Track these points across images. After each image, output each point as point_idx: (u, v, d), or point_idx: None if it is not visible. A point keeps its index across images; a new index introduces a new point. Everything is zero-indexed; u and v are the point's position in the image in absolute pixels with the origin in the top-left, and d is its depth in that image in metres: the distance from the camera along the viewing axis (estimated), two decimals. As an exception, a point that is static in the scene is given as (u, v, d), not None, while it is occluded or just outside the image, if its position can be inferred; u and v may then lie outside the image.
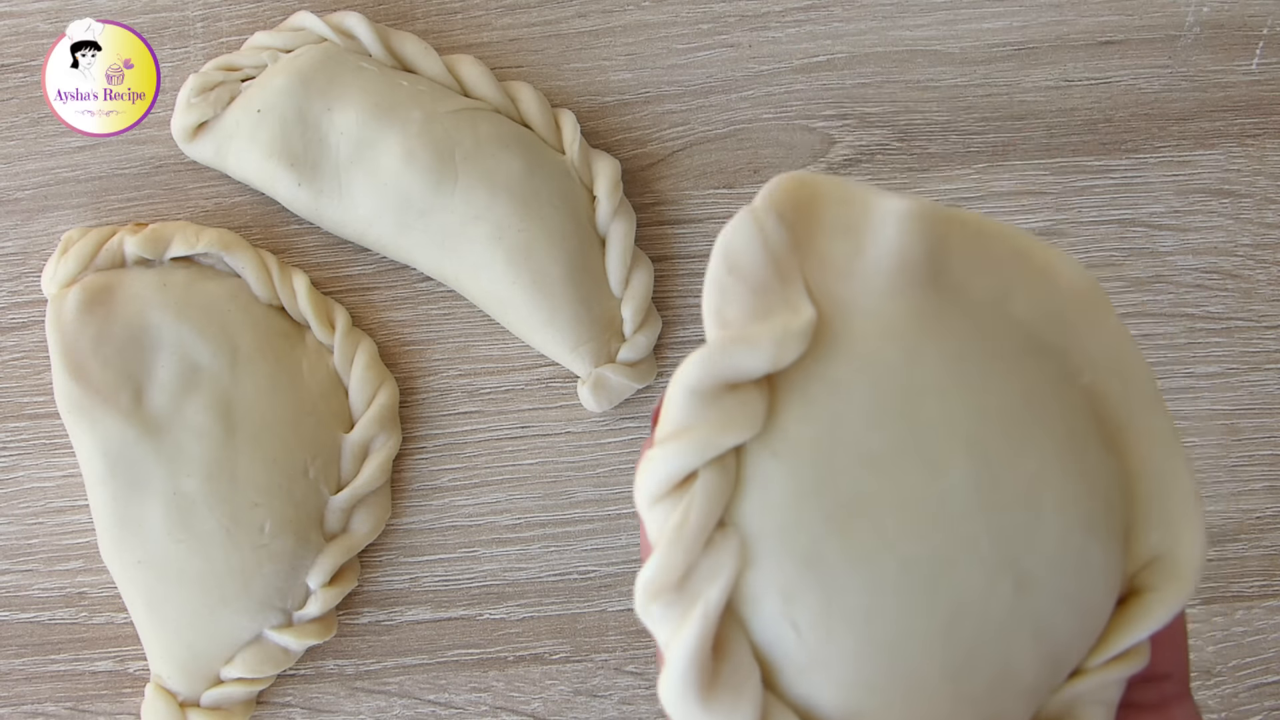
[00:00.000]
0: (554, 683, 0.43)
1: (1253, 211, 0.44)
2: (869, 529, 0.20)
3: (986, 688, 0.20)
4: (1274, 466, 0.43)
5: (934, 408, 0.20)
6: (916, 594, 0.20)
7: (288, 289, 0.43)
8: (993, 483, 0.20)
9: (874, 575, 0.20)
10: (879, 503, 0.20)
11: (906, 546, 0.20)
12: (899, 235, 0.21)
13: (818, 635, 0.20)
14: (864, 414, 0.20)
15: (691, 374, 0.20)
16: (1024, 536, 0.20)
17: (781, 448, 0.20)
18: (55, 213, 0.44)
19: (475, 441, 0.44)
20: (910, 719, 0.20)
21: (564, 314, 0.42)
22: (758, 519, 0.20)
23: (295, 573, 0.41)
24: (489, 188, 0.42)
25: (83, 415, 0.40)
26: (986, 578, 0.20)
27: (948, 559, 0.20)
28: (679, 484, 0.20)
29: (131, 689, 0.43)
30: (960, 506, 0.20)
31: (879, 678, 0.20)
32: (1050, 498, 0.20)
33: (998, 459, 0.20)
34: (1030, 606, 0.20)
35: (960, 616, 0.20)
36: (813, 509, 0.20)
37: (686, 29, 0.45)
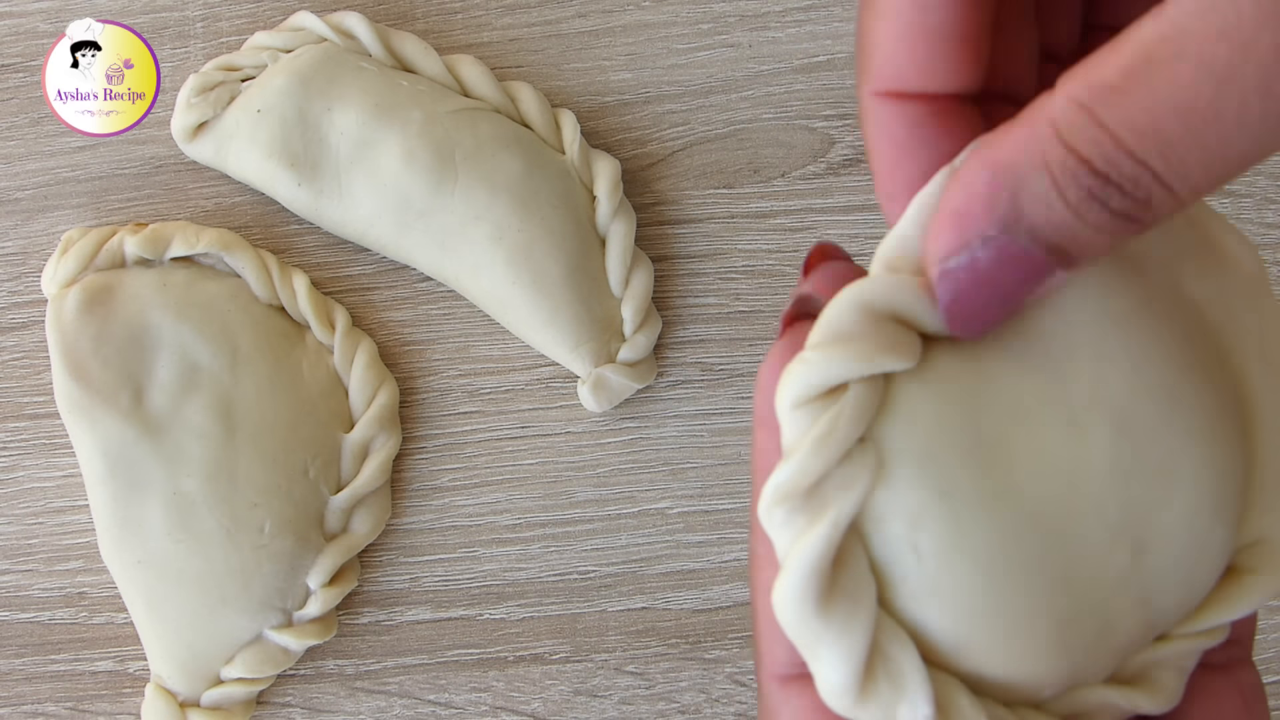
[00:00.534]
0: (554, 683, 0.43)
1: (1253, 211, 0.44)
2: (1005, 472, 0.20)
3: (1085, 642, 0.20)
4: (1274, 466, 0.43)
5: (1089, 368, 0.20)
6: (1039, 542, 0.20)
7: (288, 289, 0.43)
8: (1133, 453, 0.20)
9: (1002, 516, 0.20)
10: (1019, 450, 0.20)
11: (1038, 495, 0.20)
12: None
13: (939, 563, 0.20)
14: (1018, 362, 0.20)
15: (870, 290, 0.20)
16: (1152, 509, 0.20)
17: (932, 378, 0.20)
18: (55, 213, 0.44)
19: (475, 441, 0.44)
20: (1010, 657, 0.20)
21: (564, 314, 0.42)
22: (898, 441, 0.20)
23: (295, 573, 0.41)
24: (489, 188, 0.42)
25: (83, 415, 0.40)
26: (1108, 540, 0.20)
27: (1075, 514, 0.20)
28: (827, 393, 0.20)
29: (131, 689, 0.43)
30: (1096, 469, 0.20)
31: (990, 614, 0.20)
32: (1186, 476, 0.21)
33: (1142, 430, 0.20)
34: (1143, 575, 0.20)
35: (1075, 571, 0.20)
36: (953, 442, 0.20)
37: (686, 29, 0.45)
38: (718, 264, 0.44)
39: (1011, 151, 0.17)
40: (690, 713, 0.43)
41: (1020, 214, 0.17)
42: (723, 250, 0.44)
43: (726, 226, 0.44)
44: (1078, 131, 0.16)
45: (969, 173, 0.18)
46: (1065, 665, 0.20)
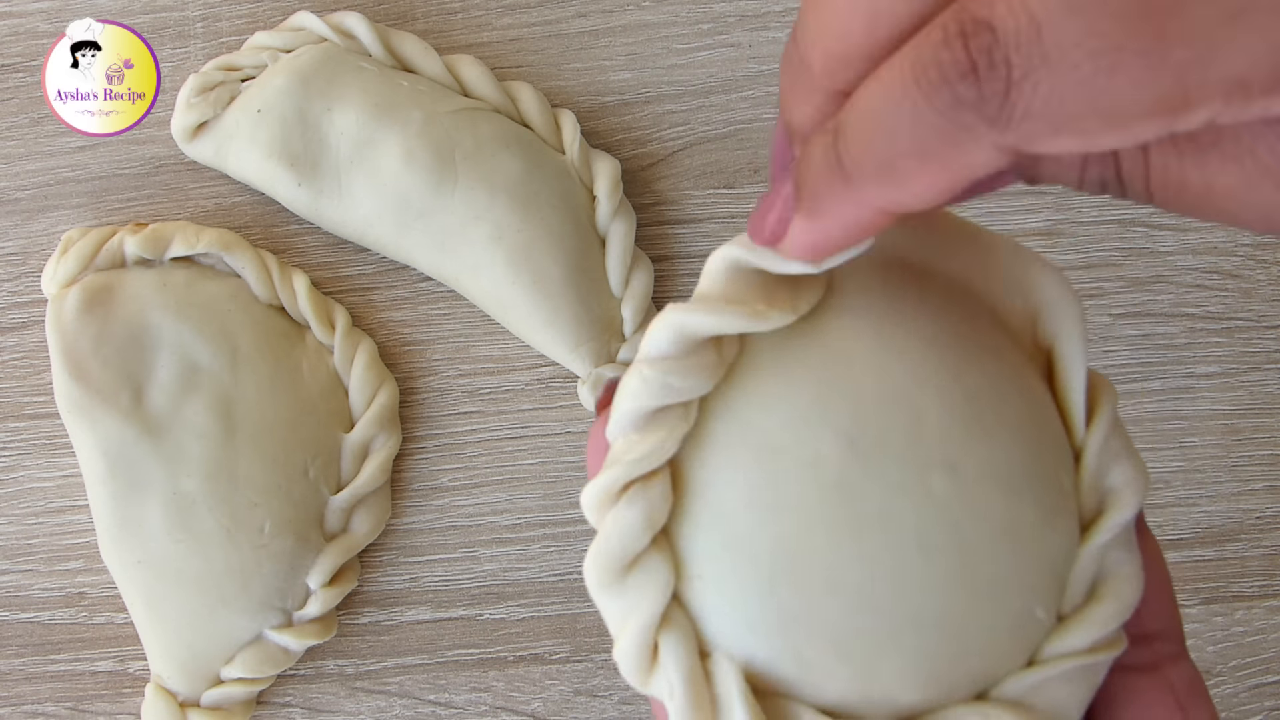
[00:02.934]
0: (554, 683, 0.43)
1: (1253, 211, 0.44)
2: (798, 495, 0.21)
3: (879, 653, 0.20)
4: (1274, 466, 0.43)
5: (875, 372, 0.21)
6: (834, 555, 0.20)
7: (288, 289, 0.43)
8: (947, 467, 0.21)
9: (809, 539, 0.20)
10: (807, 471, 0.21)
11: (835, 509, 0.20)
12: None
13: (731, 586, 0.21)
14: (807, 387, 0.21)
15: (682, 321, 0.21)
16: (969, 518, 0.21)
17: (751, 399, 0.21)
18: (55, 213, 0.44)
19: (475, 441, 0.44)
20: (807, 670, 0.20)
21: (564, 314, 0.42)
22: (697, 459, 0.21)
23: (295, 573, 0.41)
24: (489, 188, 0.42)
25: (83, 415, 0.40)
26: (916, 554, 0.20)
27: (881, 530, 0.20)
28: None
29: (131, 689, 0.43)
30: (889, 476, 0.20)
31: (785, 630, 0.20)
32: (1000, 473, 0.21)
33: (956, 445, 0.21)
34: (953, 589, 0.20)
35: (871, 584, 0.20)
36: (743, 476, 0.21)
37: (686, 29, 0.45)
38: (718, 264, 0.44)
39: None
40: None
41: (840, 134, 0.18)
42: (723, 250, 0.44)
43: (726, 226, 0.44)
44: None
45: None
46: (861, 677, 0.20)
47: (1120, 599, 0.21)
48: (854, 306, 0.22)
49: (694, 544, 0.21)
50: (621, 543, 0.21)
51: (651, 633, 0.21)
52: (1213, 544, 0.43)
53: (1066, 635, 0.21)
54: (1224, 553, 0.43)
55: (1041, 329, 0.23)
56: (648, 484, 0.21)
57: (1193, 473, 0.43)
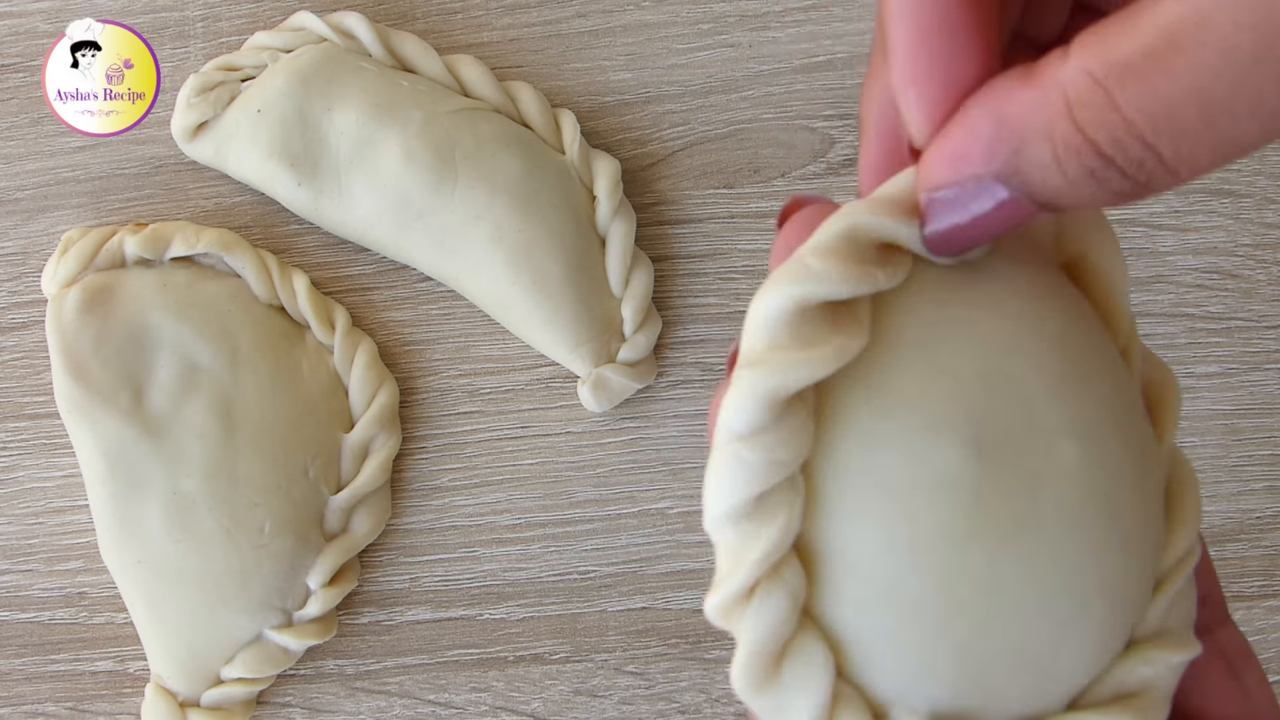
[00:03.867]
0: (554, 683, 0.43)
1: (1253, 211, 0.44)
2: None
3: (988, 665, 0.20)
4: (1274, 466, 0.43)
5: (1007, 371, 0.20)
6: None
7: (288, 289, 0.43)
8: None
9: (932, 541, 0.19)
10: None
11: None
12: None
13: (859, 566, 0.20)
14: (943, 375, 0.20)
15: (883, 222, 0.20)
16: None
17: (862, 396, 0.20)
18: (55, 213, 0.44)
19: (475, 441, 0.44)
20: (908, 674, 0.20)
21: (564, 314, 0.42)
22: (826, 469, 0.20)
23: (295, 573, 0.41)
24: (489, 188, 0.42)
25: (83, 415, 0.40)
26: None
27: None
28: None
29: (131, 689, 0.43)
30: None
31: (893, 623, 0.19)
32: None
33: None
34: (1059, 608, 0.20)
35: (981, 598, 0.19)
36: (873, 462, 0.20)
37: (686, 29, 0.45)
38: (718, 264, 0.44)
39: (1020, 111, 0.17)
40: (690, 713, 0.43)
41: (1017, 170, 0.18)
42: (723, 250, 0.44)
43: (726, 226, 0.44)
44: (1089, 109, 0.16)
45: (975, 117, 0.18)
46: (968, 687, 0.20)
47: (1193, 487, 0.22)
48: (906, 302, 0.20)
49: (843, 611, 0.19)
50: (765, 644, 0.19)
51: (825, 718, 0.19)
52: (1212, 544, 0.43)
53: (1172, 545, 0.21)
54: (1224, 553, 0.43)
55: (1067, 238, 0.22)
56: (779, 572, 0.19)
57: (1193, 473, 0.43)
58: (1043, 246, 0.22)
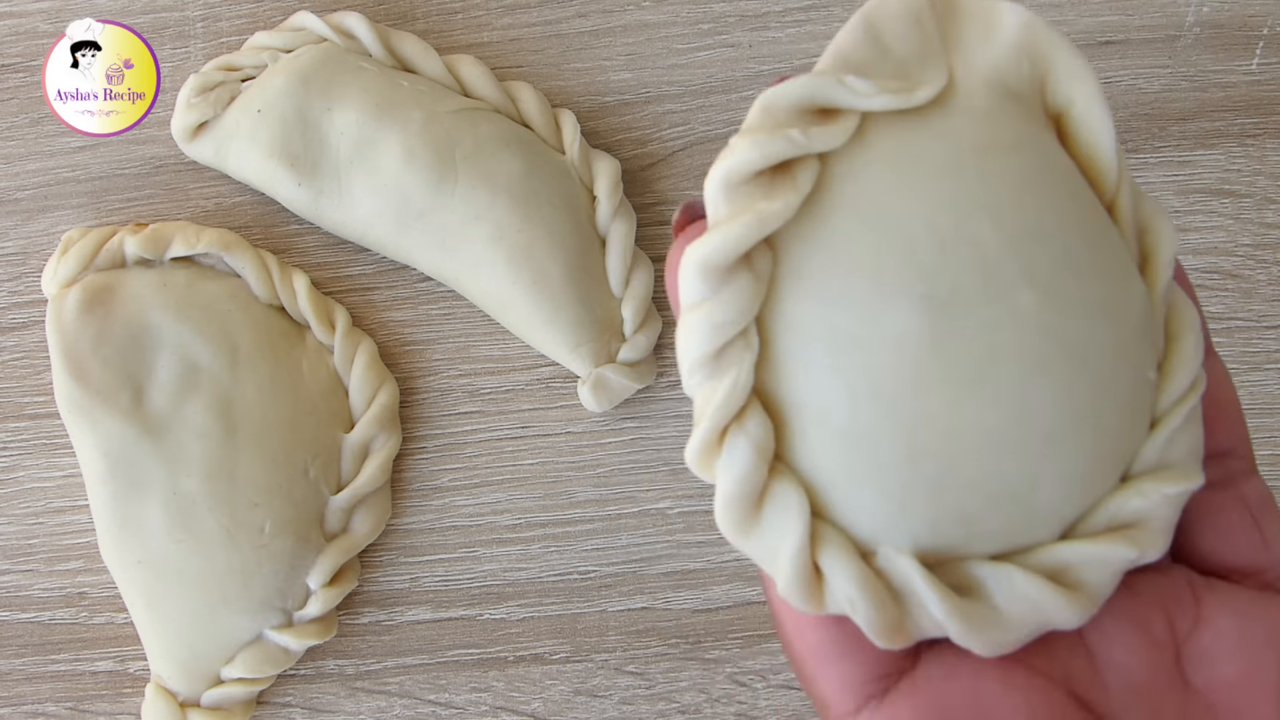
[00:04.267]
0: (554, 683, 0.43)
1: (1253, 211, 0.44)
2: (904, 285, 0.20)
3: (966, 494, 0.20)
4: (1274, 466, 0.43)
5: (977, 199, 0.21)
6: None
7: (288, 289, 0.43)
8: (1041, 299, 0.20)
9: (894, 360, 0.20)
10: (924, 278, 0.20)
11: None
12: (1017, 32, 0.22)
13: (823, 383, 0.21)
14: (924, 212, 0.21)
15: (793, 87, 0.21)
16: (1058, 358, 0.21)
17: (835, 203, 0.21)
18: (56, 213, 0.44)
19: (475, 441, 0.44)
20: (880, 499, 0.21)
21: (564, 314, 0.42)
22: (791, 265, 0.21)
23: (295, 573, 0.41)
24: (489, 188, 0.42)
25: (83, 415, 0.40)
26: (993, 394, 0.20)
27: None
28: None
29: (132, 689, 0.43)
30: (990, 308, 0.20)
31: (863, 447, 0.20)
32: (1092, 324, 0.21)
33: (1053, 284, 0.21)
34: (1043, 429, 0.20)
35: (948, 421, 0.20)
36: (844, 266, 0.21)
37: (687, 29, 0.45)
38: (718, 264, 0.44)
39: None
40: (690, 713, 0.43)
41: None
42: (723, 250, 0.44)
43: (726, 226, 0.44)
44: None
45: None
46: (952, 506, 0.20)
47: (1192, 328, 0.22)
48: (862, 163, 0.21)
49: (815, 459, 0.21)
50: (741, 485, 0.20)
51: (806, 557, 0.20)
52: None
53: (1169, 385, 0.22)
54: (1224, 553, 0.43)
55: (1051, 92, 0.22)
56: (742, 422, 0.20)
57: (1193, 473, 0.43)
58: (1023, 96, 0.22)
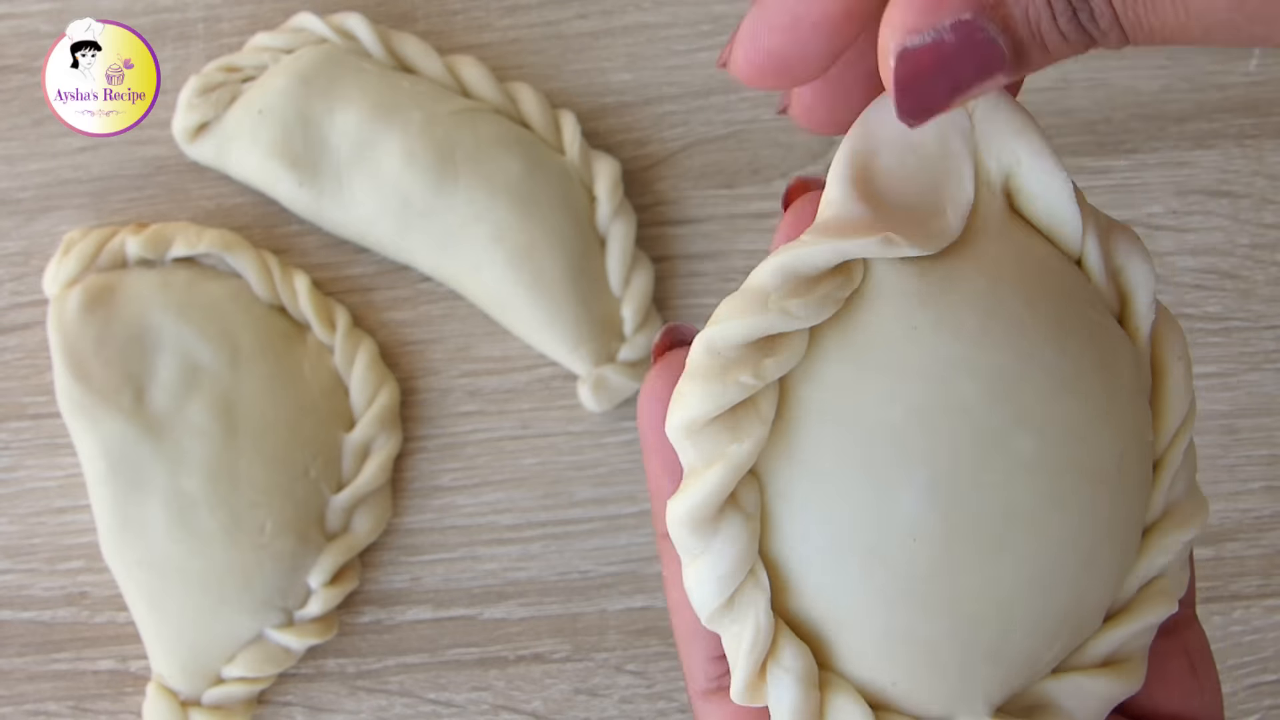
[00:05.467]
0: (554, 682, 0.43)
1: (1251, 212, 0.44)
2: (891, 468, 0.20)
3: (945, 649, 0.20)
4: (1272, 466, 0.44)
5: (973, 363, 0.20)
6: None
7: (289, 289, 0.43)
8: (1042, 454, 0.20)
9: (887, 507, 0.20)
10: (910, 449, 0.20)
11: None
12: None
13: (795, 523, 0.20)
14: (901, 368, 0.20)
15: (735, 328, 0.20)
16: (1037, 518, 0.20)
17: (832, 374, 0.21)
18: (57, 213, 0.45)
19: (476, 441, 0.44)
20: (862, 640, 0.20)
21: (564, 314, 0.42)
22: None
23: (296, 572, 0.41)
24: (489, 188, 0.42)
25: (84, 415, 0.41)
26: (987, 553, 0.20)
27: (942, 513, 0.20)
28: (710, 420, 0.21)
29: (133, 688, 0.43)
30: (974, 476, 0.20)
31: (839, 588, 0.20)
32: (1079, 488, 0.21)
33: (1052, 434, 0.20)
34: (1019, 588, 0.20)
35: (938, 578, 0.20)
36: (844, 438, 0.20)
37: (686, 30, 0.45)
38: (718, 264, 0.44)
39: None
40: (690, 712, 0.43)
41: (1000, 2, 0.17)
42: (723, 250, 0.44)
43: (726, 226, 0.44)
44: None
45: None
46: (924, 668, 0.20)
47: (1178, 356, 0.22)
48: (816, 363, 0.21)
49: (865, 664, 0.20)
50: (797, 716, 0.20)
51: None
52: (1211, 543, 0.43)
53: (1162, 424, 0.22)
54: (1222, 552, 0.43)
55: (992, 156, 0.22)
56: (777, 657, 0.20)
57: (1191, 472, 0.44)
58: (992, 221, 0.22)
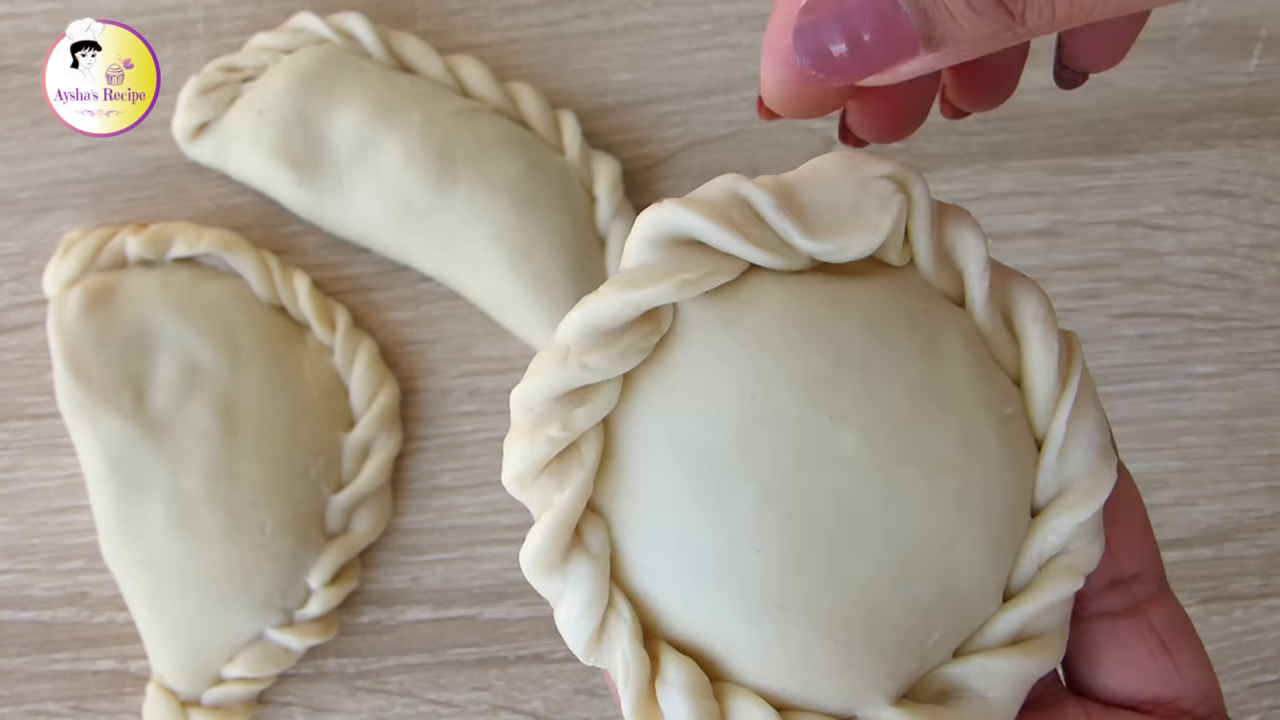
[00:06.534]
0: (554, 681, 0.43)
1: (1250, 212, 0.44)
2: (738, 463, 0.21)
3: (817, 634, 0.21)
4: (1272, 466, 0.44)
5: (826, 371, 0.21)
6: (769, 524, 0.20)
7: (289, 289, 0.43)
8: (887, 445, 0.21)
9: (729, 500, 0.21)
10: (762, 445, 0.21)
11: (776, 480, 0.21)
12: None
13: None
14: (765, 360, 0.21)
15: (540, 383, 0.21)
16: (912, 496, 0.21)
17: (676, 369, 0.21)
18: (57, 213, 0.45)
19: (476, 441, 0.44)
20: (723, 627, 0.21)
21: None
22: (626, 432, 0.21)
23: (296, 572, 0.41)
24: (489, 188, 0.42)
25: (84, 415, 0.41)
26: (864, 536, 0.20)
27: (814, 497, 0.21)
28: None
29: (133, 688, 0.43)
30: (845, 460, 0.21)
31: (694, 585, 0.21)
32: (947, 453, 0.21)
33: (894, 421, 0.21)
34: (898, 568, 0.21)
35: (809, 556, 0.20)
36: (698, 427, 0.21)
37: (686, 30, 0.45)
38: (717, 264, 0.44)
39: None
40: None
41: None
42: (722, 251, 0.44)
43: (726, 227, 0.44)
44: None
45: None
46: (803, 663, 0.21)
47: (1035, 319, 0.22)
48: (631, 400, 0.22)
49: (758, 671, 0.21)
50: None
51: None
52: (1211, 543, 0.43)
53: (1033, 398, 0.22)
54: (1222, 552, 0.43)
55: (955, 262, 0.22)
56: (662, 674, 0.21)
57: (1191, 473, 0.44)
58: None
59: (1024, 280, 0.22)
